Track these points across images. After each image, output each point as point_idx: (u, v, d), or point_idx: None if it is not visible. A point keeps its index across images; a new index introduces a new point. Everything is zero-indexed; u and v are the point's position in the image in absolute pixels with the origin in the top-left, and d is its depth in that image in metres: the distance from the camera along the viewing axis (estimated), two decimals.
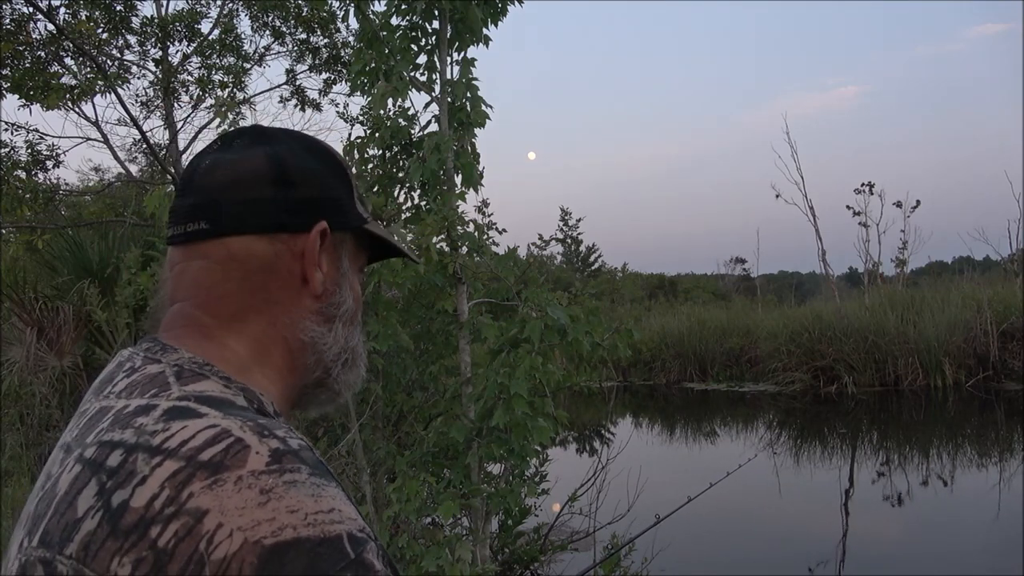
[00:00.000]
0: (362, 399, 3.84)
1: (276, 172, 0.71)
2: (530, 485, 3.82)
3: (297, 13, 10.06)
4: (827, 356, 13.21)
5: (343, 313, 0.76)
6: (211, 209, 0.69)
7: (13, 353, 6.01)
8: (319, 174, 0.73)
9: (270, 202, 0.70)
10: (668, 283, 31.32)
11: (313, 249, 0.71)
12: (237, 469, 0.54)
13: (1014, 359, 12.56)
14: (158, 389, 0.63)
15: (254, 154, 0.71)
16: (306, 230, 0.71)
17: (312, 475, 0.56)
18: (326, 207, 0.73)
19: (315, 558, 0.52)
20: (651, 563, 4.45)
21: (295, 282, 0.71)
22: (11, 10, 8.11)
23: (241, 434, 0.57)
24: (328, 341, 0.74)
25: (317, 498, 0.55)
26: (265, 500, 0.53)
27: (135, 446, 0.57)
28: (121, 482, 0.56)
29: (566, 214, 35.05)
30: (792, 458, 8.79)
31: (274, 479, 0.54)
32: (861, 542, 5.78)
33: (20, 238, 8.65)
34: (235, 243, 0.69)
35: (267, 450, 0.56)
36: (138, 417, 0.60)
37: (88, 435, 0.62)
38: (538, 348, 3.40)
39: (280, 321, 0.71)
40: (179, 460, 0.55)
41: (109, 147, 10.52)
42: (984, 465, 8.17)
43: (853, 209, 17.27)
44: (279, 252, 0.70)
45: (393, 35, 3.79)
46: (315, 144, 0.76)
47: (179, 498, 0.53)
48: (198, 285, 0.70)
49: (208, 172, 0.71)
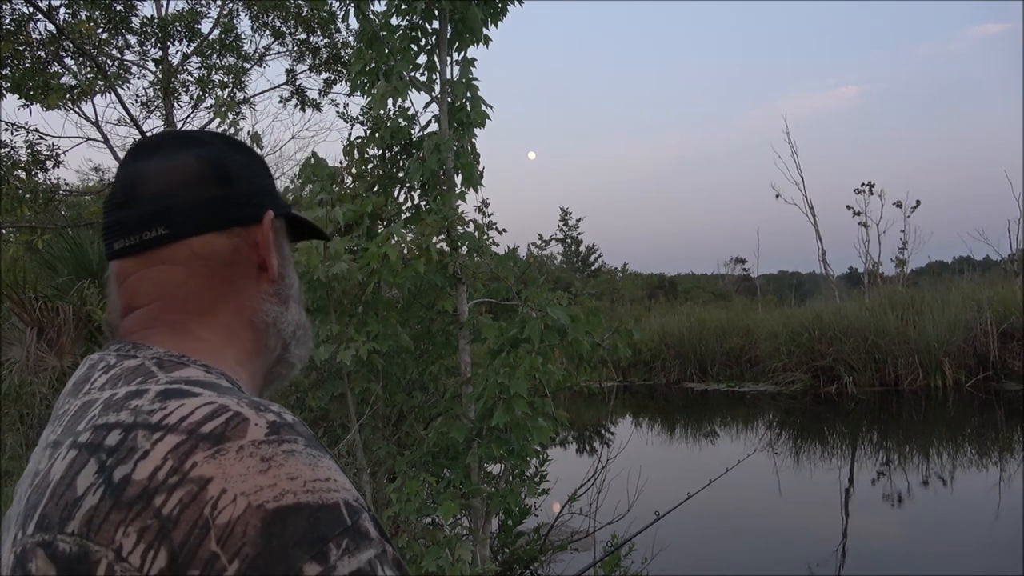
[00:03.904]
0: (362, 399, 3.84)
1: (216, 171, 0.74)
2: (530, 485, 3.82)
3: (297, 13, 10.06)
4: (827, 356, 13.21)
5: (294, 292, 0.81)
6: (166, 215, 0.71)
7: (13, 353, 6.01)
8: (250, 167, 0.77)
9: (220, 200, 0.73)
10: (668, 283, 31.33)
11: (267, 238, 0.76)
12: (238, 439, 0.56)
13: (1014, 359, 12.56)
14: (144, 377, 0.64)
15: (187, 157, 0.74)
16: (256, 221, 0.75)
17: (308, 446, 0.59)
18: (263, 197, 0.77)
19: (315, 522, 0.54)
20: (651, 563, 4.45)
21: (254, 270, 0.76)
22: (11, 10, 8.11)
23: (239, 408, 0.59)
24: (286, 319, 0.79)
25: (314, 467, 0.57)
26: (266, 467, 0.55)
27: (133, 424, 0.58)
28: (122, 458, 0.56)
29: (566, 214, 35.08)
30: (792, 458, 8.79)
31: (273, 448, 0.56)
32: (861, 542, 5.78)
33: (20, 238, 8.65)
34: (197, 243, 0.72)
35: (265, 422, 0.58)
36: (131, 400, 0.61)
37: (78, 425, 0.62)
38: (538, 348, 3.40)
39: (246, 307, 0.75)
40: (180, 434, 0.57)
41: (109, 147, 10.52)
42: (984, 465, 8.17)
43: (853, 209, 17.30)
44: (237, 245, 0.74)
45: (393, 35, 3.79)
46: (235, 141, 0.80)
47: (182, 468, 0.55)
48: (162, 288, 0.72)
49: (149, 180, 0.72)
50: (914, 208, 17.30)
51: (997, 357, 12.55)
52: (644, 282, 31.03)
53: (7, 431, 5.24)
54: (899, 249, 17.56)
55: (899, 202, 17.35)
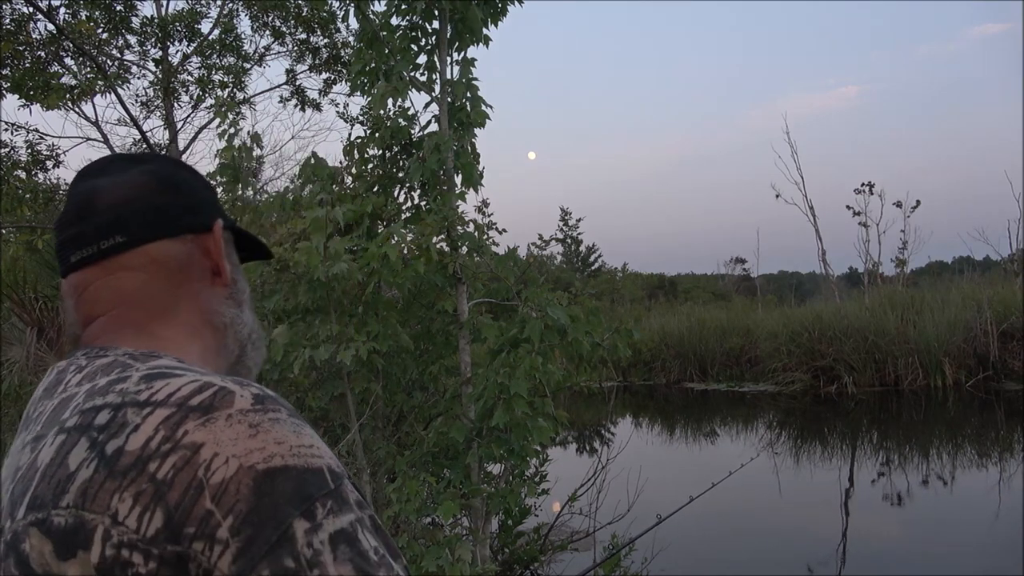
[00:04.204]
0: (362, 399, 3.84)
1: (164, 183, 0.78)
2: (530, 485, 3.82)
3: (297, 13, 10.05)
4: (827, 356, 13.21)
5: (246, 298, 0.85)
6: (122, 223, 0.75)
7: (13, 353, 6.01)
8: (194, 182, 0.82)
9: (172, 208, 0.77)
10: (668, 283, 31.33)
11: (219, 243, 0.80)
12: (226, 409, 0.59)
13: (1014, 359, 12.56)
14: (121, 369, 0.66)
15: (136, 173, 0.78)
16: (207, 229, 0.80)
17: (291, 416, 0.62)
18: (211, 207, 0.82)
19: (302, 482, 0.58)
20: (651, 563, 4.45)
21: (208, 275, 0.80)
22: (11, 10, 8.11)
23: (223, 384, 0.62)
24: (242, 320, 0.83)
25: (299, 434, 0.61)
26: (255, 432, 0.58)
27: (122, 404, 0.61)
28: (114, 433, 0.59)
29: (566, 214, 35.07)
30: (792, 458, 8.79)
31: (260, 416, 0.60)
32: (861, 542, 5.78)
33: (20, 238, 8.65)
34: (153, 249, 0.75)
35: (250, 394, 0.62)
36: (116, 384, 0.63)
37: (61, 415, 0.64)
38: (538, 348, 3.40)
39: (204, 308, 0.79)
40: (170, 407, 0.59)
41: (109, 147, 10.52)
42: (984, 465, 8.16)
43: (853, 209, 17.31)
44: (190, 251, 0.78)
45: (393, 35, 3.78)
46: (179, 161, 0.85)
47: (174, 436, 0.58)
48: (122, 293, 0.75)
49: (101, 195, 0.76)
50: (914, 208, 17.31)
51: (997, 357, 12.55)
52: (644, 282, 31.03)
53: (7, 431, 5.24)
54: (899, 249, 17.58)
55: (899, 202, 17.36)
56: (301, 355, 3.19)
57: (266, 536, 0.55)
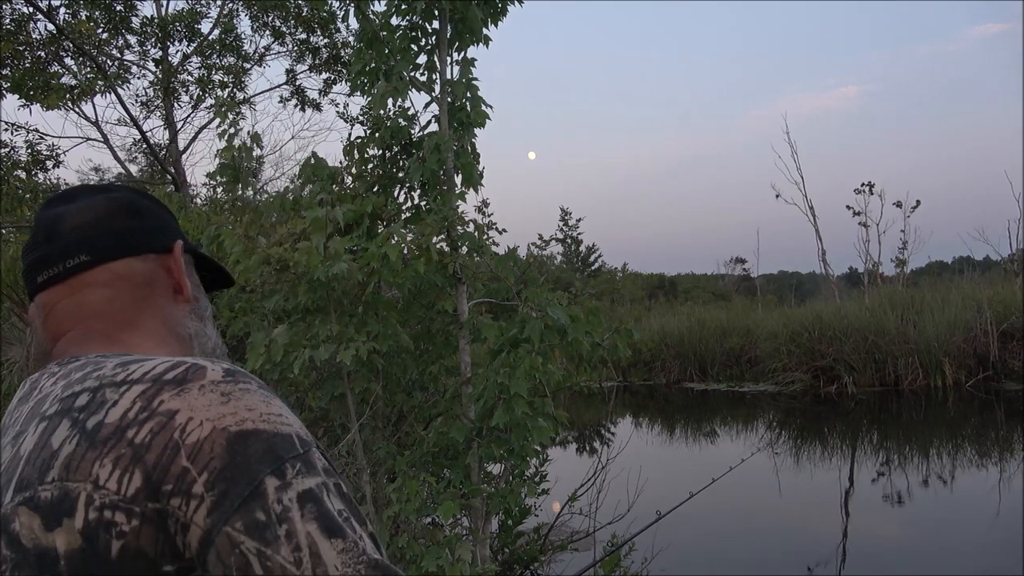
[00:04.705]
0: (362, 399, 3.84)
1: (127, 208, 0.83)
2: (530, 485, 3.82)
3: (297, 13, 10.05)
4: (827, 356, 13.21)
5: (208, 315, 0.89)
6: (87, 244, 0.79)
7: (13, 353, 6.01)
8: (156, 209, 0.88)
9: (134, 229, 0.82)
10: (668, 283, 31.33)
11: (180, 262, 0.85)
12: (198, 380, 0.63)
13: (1014, 359, 12.56)
14: (95, 365, 0.69)
15: (100, 199, 0.83)
16: (168, 250, 0.85)
17: (261, 388, 0.66)
18: (171, 231, 0.87)
19: (273, 444, 0.61)
20: (651, 563, 4.45)
21: (169, 292, 0.84)
22: (11, 10, 8.11)
23: (195, 360, 0.66)
24: (206, 334, 0.87)
25: (268, 403, 0.64)
26: (226, 400, 0.62)
27: (100, 386, 0.65)
28: (93, 411, 0.62)
29: (566, 214, 35.07)
30: (792, 458, 8.79)
31: (231, 386, 0.64)
32: (861, 542, 5.78)
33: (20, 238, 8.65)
34: (117, 266, 0.80)
35: (221, 368, 0.66)
36: (93, 372, 0.67)
37: (40, 409, 0.67)
38: (538, 348, 3.40)
39: (168, 321, 0.83)
40: (145, 383, 0.63)
41: (109, 147, 10.52)
42: (984, 465, 8.16)
43: (853, 209, 17.29)
44: (152, 269, 0.83)
45: (393, 35, 3.78)
46: (142, 191, 0.91)
47: (151, 406, 0.61)
48: (89, 308, 0.78)
49: (67, 219, 0.80)
50: (914, 208, 17.30)
51: (997, 357, 12.55)
52: (644, 282, 31.03)
53: None
54: (899, 249, 17.56)
55: (899, 202, 17.35)
56: (301, 355, 3.19)
57: (239, 491, 0.58)
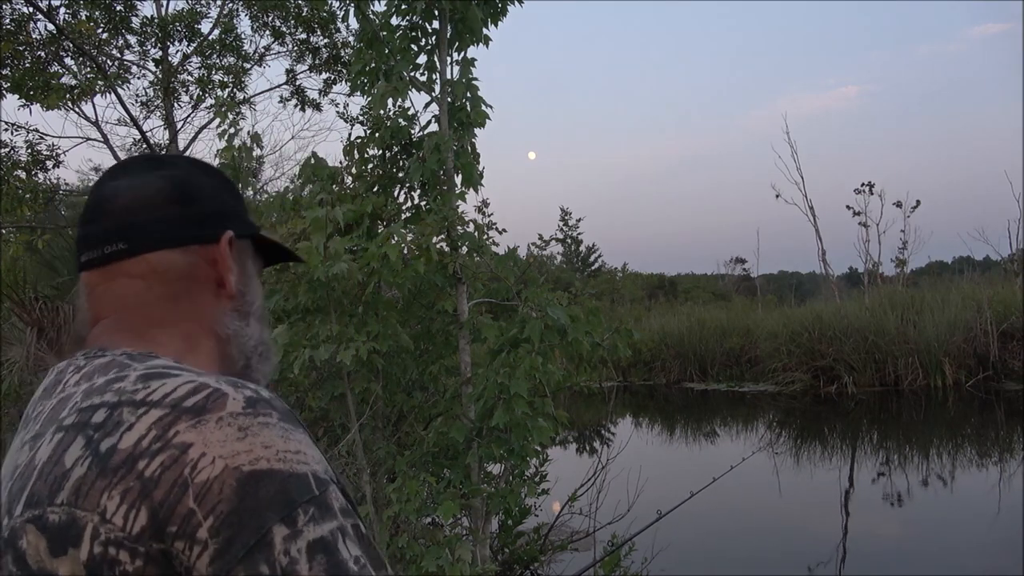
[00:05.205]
0: (362, 399, 3.84)
1: (179, 192, 0.78)
2: (530, 485, 3.82)
3: (297, 13, 10.05)
4: (827, 356, 13.20)
5: (255, 310, 0.84)
6: (126, 231, 0.75)
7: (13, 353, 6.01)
8: (215, 190, 0.82)
9: (179, 218, 0.77)
10: (668, 283, 31.34)
11: (225, 255, 0.79)
12: (217, 411, 0.61)
13: (1014, 359, 12.56)
14: (119, 369, 0.67)
15: (154, 178, 0.78)
16: (215, 240, 0.79)
17: (282, 420, 0.63)
18: (227, 217, 0.82)
19: (286, 487, 0.59)
20: (651, 563, 4.45)
21: (212, 286, 0.79)
22: (11, 10, 8.11)
23: (218, 385, 0.63)
24: (247, 334, 0.83)
25: (286, 439, 0.62)
26: (243, 436, 0.60)
27: (118, 403, 0.62)
28: (108, 431, 0.60)
29: (566, 214, 35.06)
30: (792, 458, 8.79)
31: (250, 419, 0.61)
32: (861, 542, 5.78)
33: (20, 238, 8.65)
34: (154, 258, 0.76)
35: (243, 397, 0.63)
36: (114, 384, 0.65)
37: (60, 414, 0.65)
38: (538, 348, 3.40)
39: (205, 319, 0.79)
40: (163, 408, 0.61)
41: (109, 147, 10.52)
42: (984, 465, 8.16)
43: (853, 209, 17.31)
44: (194, 262, 0.78)
45: (393, 35, 3.78)
46: (204, 165, 0.85)
47: (165, 436, 0.59)
48: (123, 299, 0.76)
49: (114, 198, 0.77)
50: (914, 208, 17.31)
51: (997, 357, 12.55)
52: (644, 282, 31.03)
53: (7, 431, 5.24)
54: (899, 249, 17.57)
55: (899, 202, 17.36)
56: (301, 355, 3.19)
57: (244, 539, 0.56)
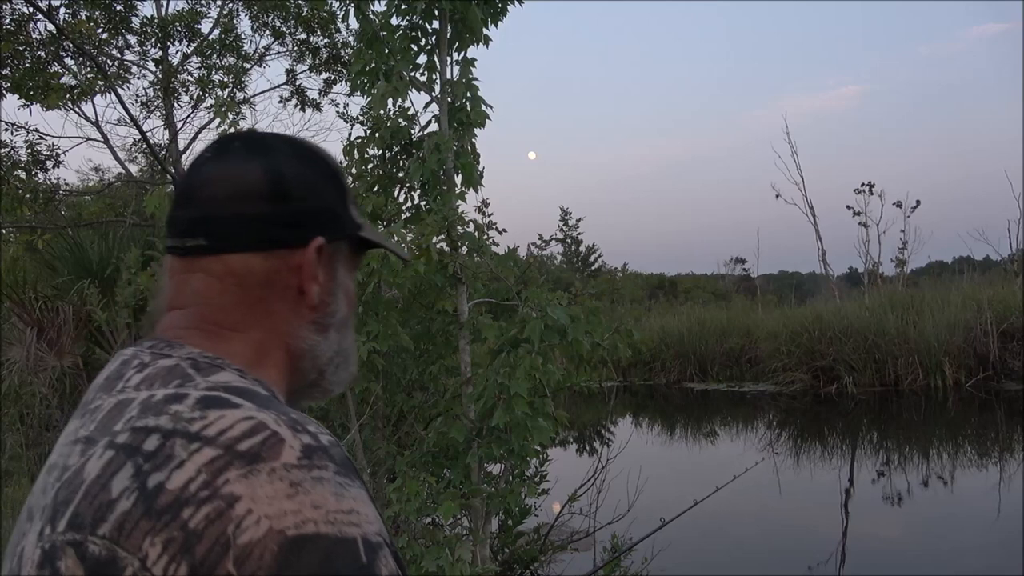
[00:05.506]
0: (362, 399, 3.84)
1: (273, 187, 0.72)
2: (530, 485, 3.82)
3: (297, 13, 10.06)
4: (827, 356, 13.20)
5: (337, 321, 0.78)
6: (209, 226, 0.71)
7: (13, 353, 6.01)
8: (315, 184, 0.75)
9: (267, 219, 0.71)
10: (668, 283, 31.35)
11: (310, 264, 0.73)
12: (271, 461, 0.58)
13: (1014, 359, 12.55)
14: (181, 380, 0.64)
15: (250, 167, 0.72)
16: (303, 244, 0.73)
17: (337, 474, 0.60)
18: (322, 218, 0.75)
19: (330, 556, 0.56)
20: (651, 563, 4.45)
21: (292, 294, 0.74)
22: (11, 10, 8.12)
23: (276, 428, 0.60)
24: (323, 347, 0.77)
25: (340, 497, 0.58)
26: (294, 492, 0.57)
27: (172, 431, 0.59)
28: (158, 465, 0.58)
29: (566, 214, 35.06)
30: (792, 458, 8.79)
31: (303, 473, 0.58)
32: (861, 542, 5.78)
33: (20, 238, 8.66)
34: (233, 260, 0.71)
35: (300, 445, 0.59)
36: (171, 404, 0.62)
37: (114, 424, 0.63)
38: (538, 348, 3.40)
39: (279, 330, 0.74)
40: (217, 448, 0.58)
41: (109, 147, 10.52)
42: (984, 465, 8.17)
43: (853, 209, 17.28)
44: (276, 267, 0.72)
45: (393, 35, 3.78)
46: (310, 151, 0.78)
47: (215, 483, 0.56)
48: (198, 296, 0.72)
49: (204, 186, 0.72)
50: (914, 208, 17.28)
51: (997, 357, 12.54)
52: (644, 282, 31.03)
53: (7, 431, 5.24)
54: (899, 249, 17.54)
55: (899, 202, 17.34)
56: None
57: None
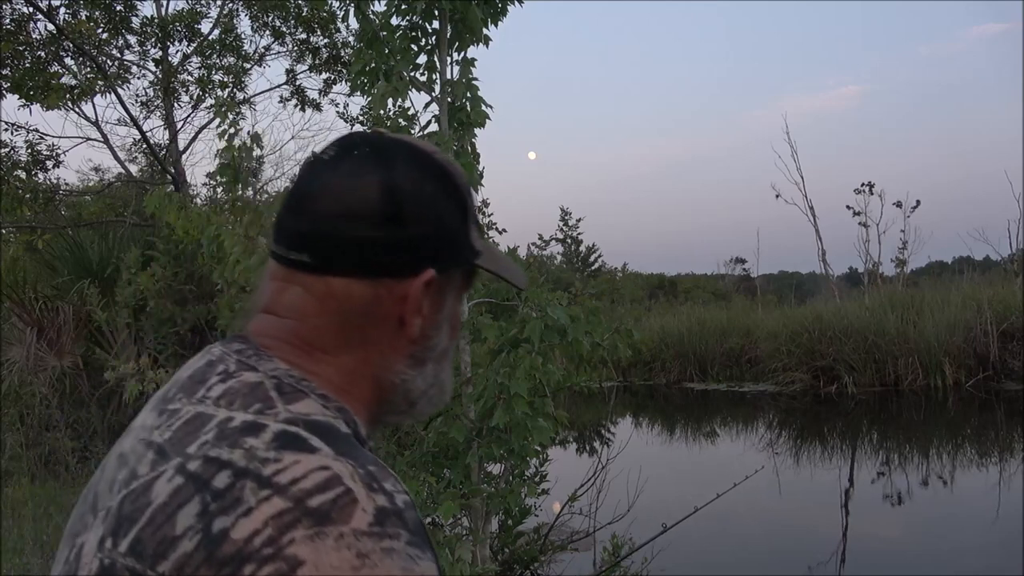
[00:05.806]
0: None
1: (388, 207, 0.67)
2: (530, 485, 3.83)
3: (297, 13, 10.06)
4: (827, 356, 13.20)
5: (435, 354, 0.75)
6: (315, 243, 0.67)
7: (13, 353, 6.01)
8: (435, 205, 0.70)
9: (378, 244, 0.67)
10: (668, 283, 31.36)
11: (416, 297, 0.69)
12: (341, 524, 0.55)
13: (1014, 359, 12.55)
14: (262, 405, 0.62)
15: (367, 182, 0.68)
16: (413, 274, 0.68)
17: (409, 544, 0.57)
18: (438, 246, 0.70)
19: None
20: (651, 563, 4.45)
21: (392, 324, 0.70)
22: (11, 10, 8.12)
23: (351, 484, 0.57)
24: (418, 382, 0.74)
25: (408, 572, 0.55)
26: (360, 565, 0.53)
27: (245, 471, 0.57)
28: (225, 507, 0.55)
29: (566, 214, 35.06)
30: (792, 458, 8.79)
31: (373, 543, 0.55)
32: (861, 542, 5.78)
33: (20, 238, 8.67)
34: (336, 283, 0.67)
35: (373, 507, 0.56)
36: (247, 437, 0.60)
37: (189, 444, 0.61)
38: (538, 348, 3.40)
39: (372, 361, 0.70)
40: (287, 500, 0.55)
41: (109, 147, 10.53)
42: (984, 465, 8.17)
43: (853, 209, 17.27)
44: (380, 296, 0.68)
45: (393, 35, 3.79)
46: (435, 165, 0.73)
47: (279, 541, 0.54)
48: (294, 310, 0.69)
49: (317, 197, 0.68)
50: (914, 208, 17.27)
51: (997, 357, 12.54)
52: (644, 282, 31.04)
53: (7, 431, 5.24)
54: (899, 249, 17.52)
55: (899, 202, 17.33)
56: None
57: None
